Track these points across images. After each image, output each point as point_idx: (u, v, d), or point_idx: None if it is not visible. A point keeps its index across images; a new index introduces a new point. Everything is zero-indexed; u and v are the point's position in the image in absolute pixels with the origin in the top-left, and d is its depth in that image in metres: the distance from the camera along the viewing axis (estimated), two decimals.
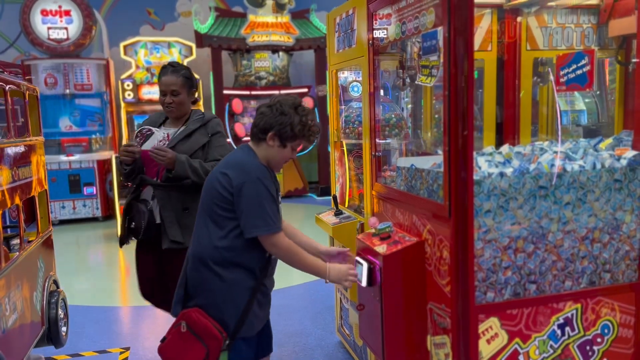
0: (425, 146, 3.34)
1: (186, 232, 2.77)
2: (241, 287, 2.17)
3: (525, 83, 2.93)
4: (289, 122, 2.16)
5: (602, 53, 3.04)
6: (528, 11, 2.78)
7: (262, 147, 2.22)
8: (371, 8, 2.65)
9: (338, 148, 3.57)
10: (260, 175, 2.14)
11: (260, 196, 2.11)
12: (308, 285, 4.99)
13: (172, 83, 2.87)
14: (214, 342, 2.11)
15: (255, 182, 2.12)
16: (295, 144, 2.23)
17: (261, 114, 2.21)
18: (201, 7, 9.63)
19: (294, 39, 9.32)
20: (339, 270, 2.27)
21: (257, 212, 2.11)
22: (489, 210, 1.97)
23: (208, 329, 2.12)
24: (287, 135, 2.18)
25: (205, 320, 2.13)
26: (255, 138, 2.24)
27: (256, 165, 2.18)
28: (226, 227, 2.14)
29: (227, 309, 2.15)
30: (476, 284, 1.99)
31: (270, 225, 2.12)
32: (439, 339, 2.15)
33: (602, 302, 2.11)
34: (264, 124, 2.19)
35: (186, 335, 2.14)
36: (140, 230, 2.83)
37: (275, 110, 2.18)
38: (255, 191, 2.11)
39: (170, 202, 2.84)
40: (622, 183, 2.08)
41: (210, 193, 2.18)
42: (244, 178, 2.11)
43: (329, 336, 3.84)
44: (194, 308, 2.18)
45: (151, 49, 7.95)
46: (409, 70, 3.18)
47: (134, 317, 4.49)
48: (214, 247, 2.15)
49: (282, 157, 2.24)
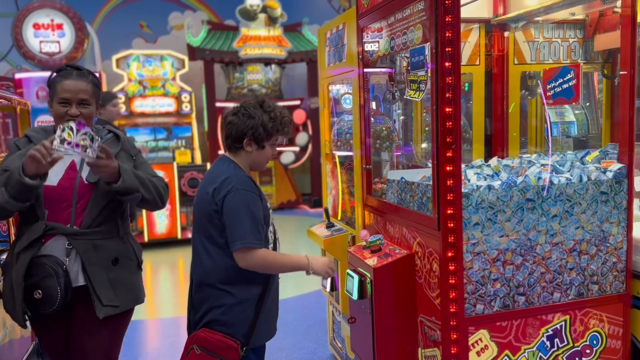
0: (416, 159, 3.37)
1: (119, 290, 2.17)
2: (250, 300, 2.15)
3: (513, 96, 2.97)
4: (260, 122, 2.12)
5: (590, 66, 3.09)
6: (515, 26, 2.83)
7: (241, 155, 2.19)
8: (361, 23, 2.68)
9: (330, 160, 3.59)
10: (243, 186, 2.09)
11: (239, 209, 2.06)
12: (300, 298, 4.98)
13: (80, 90, 2.10)
14: (232, 353, 2.10)
15: (237, 193, 2.07)
16: (272, 141, 2.19)
17: (230, 124, 2.17)
18: (194, 21, 9.68)
19: (286, 52, 9.37)
20: (322, 262, 2.21)
21: (236, 226, 2.05)
22: (478, 222, 1.99)
23: (222, 342, 2.10)
24: (261, 137, 2.14)
25: (217, 335, 2.11)
26: (232, 148, 2.20)
27: (238, 176, 2.13)
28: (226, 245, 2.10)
29: (236, 322, 2.14)
30: (465, 296, 2.00)
31: (245, 238, 2.04)
32: (430, 352, 2.16)
33: (590, 314, 2.12)
34: (236, 133, 2.15)
35: (202, 356, 2.10)
36: (55, 301, 2.05)
37: (242, 116, 2.14)
38: (235, 203, 2.06)
39: (97, 254, 2.14)
40: (608, 195, 2.11)
41: (203, 215, 2.14)
42: (225, 190, 2.08)
43: (321, 349, 3.83)
44: (200, 329, 2.15)
45: (144, 62, 7.97)
46: (399, 84, 3.22)
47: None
48: (220, 269, 2.12)
49: (264, 158, 2.21)
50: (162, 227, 7.29)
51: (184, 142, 7.99)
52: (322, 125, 3.63)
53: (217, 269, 2.12)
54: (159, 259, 6.89)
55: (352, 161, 3.06)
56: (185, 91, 8.01)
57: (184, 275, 6.42)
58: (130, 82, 7.91)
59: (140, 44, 9.83)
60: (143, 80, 7.90)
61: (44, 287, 2.06)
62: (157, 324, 4.70)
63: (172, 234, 7.32)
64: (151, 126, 7.94)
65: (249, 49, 9.13)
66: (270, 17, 9.35)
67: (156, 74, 7.94)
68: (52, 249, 2.10)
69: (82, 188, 2.11)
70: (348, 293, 2.45)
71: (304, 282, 5.28)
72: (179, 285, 6.04)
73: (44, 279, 2.06)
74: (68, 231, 2.10)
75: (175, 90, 7.96)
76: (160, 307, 5.24)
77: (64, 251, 2.10)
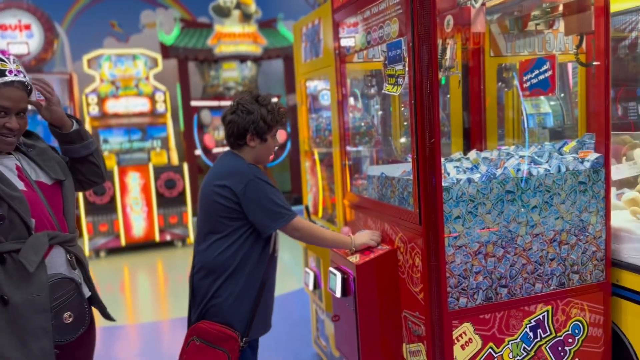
0: (396, 154, 3.36)
1: None
2: (250, 291, 2.21)
3: (490, 88, 2.97)
4: (259, 116, 2.21)
5: (565, 57, 3.11)
6: (490, 18, 2.83)
7: (245, 150, 2.27)
8: (336, 18, 2.66)
9: (309, 157, 3.56)
10: (257, 174, 2.19)
11: (265, 192, 2.16)
12: (283, 297, 4.95)
13: (21, 99, 1.83)
14: (232, 343, 2.16)
15: (255, 181, 2.16)
16: (273, 133, 2.29)
17: (230, 123, 2.24)
18: (166, 19, 9.53)
19: (262, 49, 9.29)
20: (363, 234, 2.36)
21: (270, 208, 2.16)
22: (459, 216, 1.98)
23: (221, 332, 2.15)
24: (263, 130, 2.23)
25: (216, 326, 2.17)
26: (235, 146, 2.28)
27: (248, 166, 2.22)
28: (233, 235, 2.18)
29: (236, 313, 2.20)
30: (448, 290, 1.99)
31: (286, 214, 2.19)
32: (414, 347, 2.15)
33: (571, 303, 2.14)
34: (237, 131, 2.23)
35: (202, 347, 2.15)
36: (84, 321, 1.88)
37: (242, 113, 2.22)
38: (259, 190, 2.16)
39: (85, 259, 2.02)
40: (587, 185, 2.13)
41: (212, 208, 2.20)
42: (244, 182, 2.16)
43: (306, 348, 3.81)
44: (200, 321, 2.20)
45: (116, 61, 7.80)
46: (377, 78, 3.20)
47: (104, 337, 4.38)
48: (222, 258, 2.18)
49: (268, 150, 2.31)
50: (140, 230, 7.17)
51: (160, 142, 7.86)
52: (301, 122, 3.59)
53: (220, 259, 2.19)
54: (136, 262, 6.77)
55: (332, 158, 3.04)
56: (160, 90, 7.88)
57: (164, 279, 6.33)
58: (103, 83, 7.75)
59: (112, 44, 9.63)
60: (115, 81, 7.74)
61: (73, 307, 1.83)
62: (137, 329, 4.62)
63: (149, 237, 7.21)
64: (125, 127, 7.79)
65: (224, 46, 9.03)
66: (244, 13, 9.26)
67: (129, 74, 7.79)
68: (54, 265, 1.84)
69: (48, 190, 1.93)
70: (331, 291, 2.43)
71: (286, 281, 5.26)
72: (158, 289, 5.96)
73: (71, 298, 1.83)
74: (66, 238, 1.89)
75: (149, 89, 7.83)
76: (140, 312, 5.16)
77: (66, 264, 1.88)
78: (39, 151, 1.98)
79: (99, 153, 2.12)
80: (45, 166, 1.95)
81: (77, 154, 2.03)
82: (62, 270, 1.86)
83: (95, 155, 2.07)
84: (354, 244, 2.32)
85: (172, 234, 7.35)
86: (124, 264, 6.70)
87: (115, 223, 7.07)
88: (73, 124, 2.01)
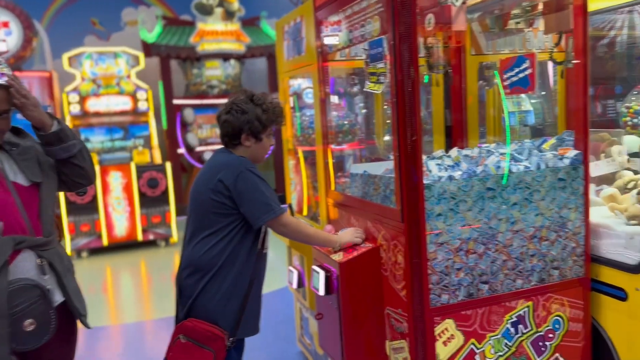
0: (379, 152, 3.37)
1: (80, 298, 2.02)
2: (239, 290, 2.20)
3: (471, 87, 2.99)
4: (254, 116, 2.20)
5: (545, 55, 3.14)
6: (471, 17, 2.85)
7: (240, 149, 2.26)
8: (318, 16, 2.65)
9: (293, 156, 3.56)
10: (248, 166, 2.18)
11: (256, 184, 2.15)
12: (267, 296, 4.93)
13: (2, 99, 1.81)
14: (219, 342, 2.13)
15: (246, 173, 2.15)
16: (268, 132, 2.28)
17: (225, 122, 2.24)
18: (148, 16, 9.44)
19: (245, 47, 9.25)
20: (347, 232, 2.38)
21: (260, 199, 2.15)
22: (440, 213, 1.99)
23: (208, 331, 2.13)
24: (258, 130, 2.22)
25: (203, 325, 2.15)
26: (230, 145, 2.27)
27: (240, 159, 2.20)
28: (222, 232, 2.17)
29: (224, 312, 2.18)
30: (430, 286, 2.01)
31: (276, 207, 2.17)
32: (397, 344, 2.16)
33: (552, 299, 2.17)
34: (232, 130, 2.23)
35: (188, 346, 2.13)
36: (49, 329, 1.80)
37: (236, 113, 2.21)
38: (250, 182, 2.15)
39: (62, 264, 1.94)
40: (566, 182, 2.15)
41: (204, 204, 2.19)
42: (235, 173, 2.15)
43: (290, 347, 3.80)
44: (187, 319, 2.18)
45: (97, 59, 7.70)
46: (360, 77, 3.21)
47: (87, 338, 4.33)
48: (210, 255, 2.17)
49: (263, 150, 2.31)
50: (122, 230, 7.10)
51: (142, 141, 7.78)
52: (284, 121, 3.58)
53: (207, 256, 2.17)
54: (119, 262, 6.71)
55: (316, 156, 3.04)
56: (142, 89, 7.79)
57: (147, 279, 6.28)
58: (84, 81, 7.65)
59: (93, 41, 9.52)
60: (97, 79, 7.65)
61: (36, 314, 1.76)
62: (121, 330, 4.58)
63: (132, 237, 7.14)
64: (107, 126, 7.70)
65: (207, 44, 8.97)
66: (227, 11, 9.21)
67: (110, 72, 7.70)
68: (22, 270, 1.78)
69: (24, 192, 1.88)
70: (314, 289, 2.43)
71: (271, 280, 5.24)
72: (141, 289, 5.91)
73: (34, 305, 1.76)
74: (37, 242, 1.83)
75: (130, 88, 7.74)
76: (123, 312, 5.11)
77: (36, 269, 1.82)
78: (21, 150, 1.92)
79: (84, 155, 2.02)
80: (24, 167, 1.90)
81: (57, 156, 1.97)
82: (30, 276, 1.80)
83: (78, 157, 1.99)
84: (340, 242, 2.33)
85: (155, 233, 7.29)
86: (107, 264, 6.63)
87: (97, 223, 6.98)
88: (54, 125, 1.92)
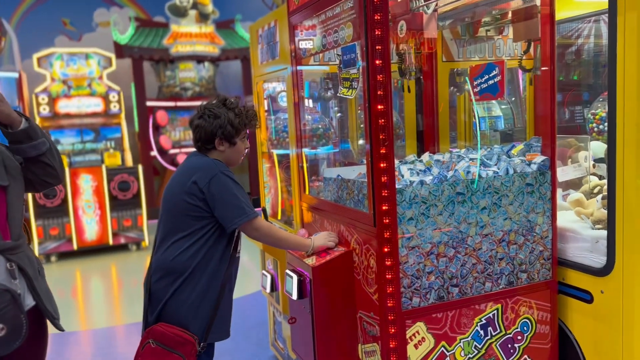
0: (352, 156, 3.39)
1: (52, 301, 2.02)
2: (210, 294, 2.18)
3: (443, 93, 3.04)
4: (226, 121, 2.20)
5: (514, 62, 3.21)
6: (443, 24, 2.90)
7: (214, 154, 2.26)
8: (292, 21, 2.66)
9: (268, 159, 3.55)
10: (222, 169, 2.17)
11: (229, 187, 2.15)
12: (240, 300, 4.91)
13: None
14: (189, 347, 2.11)
15: (219, 176, 2.14)
16: (242, 135, 2.28)
17: (197, 128, 2.23)
18: (120, 17, 9.32)
19: (219, 49, 9.21)
20: (320, 236, 2.38)
21: (234, 203, 2.14)
22: (412, 217, 2.02)
23: (178, 336, 2.11)
24: (231, 134, 2.22)
25: (173, 329, 2.12)
26: (204, 150, 2.27)
27: (214, 162, 2.20)
28: (195, 235, 2.16)
29: (195, 316, 2.16)
30: (402, 290, 2.03)
31: (249, 211, 2.17)
32: (369, 347, 2.17)
33: (520, 301, 2.21)
34: (205, 136, 2.22)
35: (157, 351, 2.10)
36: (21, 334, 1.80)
37: (208, 117, 2.20)
38: (223, 184, 2.14)
39: (32, 267, 1.94)
40: (534, 187, 2.20)
41: (177, 207, 2.17)
42: (209, 176, 2.14)
43: (263, 351, 3.79)
44: (157, 323, 2.16)
45: (68, 60, 7.57)
46: (334, 81, 3.22)
47: (56, 344, 4.24)
48: (182, 258, 2.15)
49: (237, 153, 2.31)
50: (92, 234, 6.98)
51: (114, 143, 7.67)
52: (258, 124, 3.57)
53: (179, 259, 2.15)
54: (89, 267, 6.59)
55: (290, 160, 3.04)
56: (113, 90, 7.69)
57: (118, 283, 6.18)
58: (54, 82, 7.51)
59: (64, 42, 9.35)
60: (67, 80, 7.51)
61: (7, 319, 1.75)
62: (90, 335, 4.49)
63: (103, 241, 7.03)
64: (77, 127, 7.57)
65: (180, 46, 8.91)
66: (201, 13, 9.15)
67: (81, 73, 7.57)
68: None
69: None
70: (287, 293, 2.43)
71: (244, 284, 5.22)
72: (112, 294, 5.81)
73: (4, 310, 1.75)
74: (6, 246, 1.83)
75: (102, 89, 7.63)
76: (93, 317, 5.02)
77: (5, 273, 1.81)
78: None
79: (54, 153, 1.99)
80: None
81: (26, 154, 1.94)
82: (0, 280, 1.79)
83: (48, 155, 1.96)
84: (313, 245, 2.33)
85: (126, 237, 7.19)
86: (76, 268, 6.50)
87: (67, 226, 6.85)
88: (22, 122, 1.89)
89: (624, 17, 1.83)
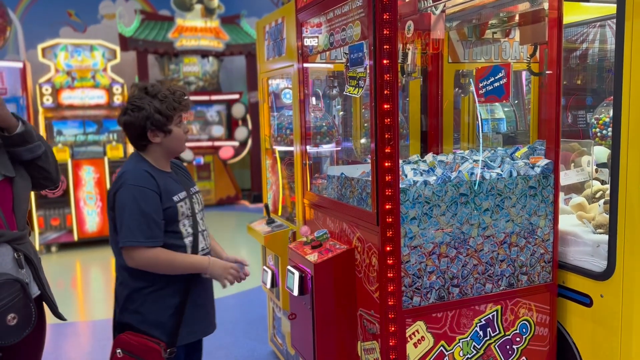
0: (356, 154, 3.40)
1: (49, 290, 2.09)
2: (171, 299, 2.11)
3: (447, 93, 3.05)
4: (153, 109, 2.02)
5: (520, 65, 3.22)
6: (449, 25, 2.90)
7: (152, 148, 2.11)
8: (300, 18, 2.67)
9: (270, 155, 3.57)
10: (133, 182, 2.00)
11: (126, 204, 1.99)
12: (240, 295, 4.93)
13: None
14: (155, 355, 2.05)
15: (128, 188, 2.00)
16: (175, 120, 2.09)
17: (125, 125, 2.08)
18: (126, 10, 9.33)
19: (224, 44, 9.21)
20: (222, 266, 2.17)
21: (125, 221, 1.99)
22: (415, 217, 2.03)
23: (143, 344, 2.05)
24: (161, 122, 2.04)
25: (138, 338, 2.07)
26: (140, 147, 2.12)
27: (131, 172, 2.04)
28: None
29: (158, 322, 2.10)
30: (403, 289, 2.04)
31: (133, 240, 1.97)
32: (369, 345, 2.19)
33: (520, 303, 2.22)
34: (135, 131, 2.06)
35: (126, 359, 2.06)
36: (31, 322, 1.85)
37: (133, 112, 2.03)
38: (126, 198, 1.99)
39: (37, 257, 2.01)
40: (536, 190, 2.21)
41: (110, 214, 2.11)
42: (117, 185, 2.03)
43: (262, 346, 3.81)
44: (124, 332, 2.11)
45: (72, 51, 7.58)
46: (339, 79, 3.23)
47: (55, 334, 4.26)
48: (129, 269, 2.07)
49: (177, 140, 2.12)
50: (93, 225, 7.00)
51: (116, 135, 7.68)
52: (262, 120, 3.59)
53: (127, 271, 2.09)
54: (90, 258, 6.61)
55: (292, 156, 3.05)
56: (117, 83, 7.69)
57: None
58: (58, 73, 7.51)
59: (69, 33, 9.36)
60: (71, 71, 7.52)
61: (18, 308, 1.79)
62: (89, 327, 4.51)
63: (103, 232, 7.04)
64: (80, 119, 7.58)
65: (185, 40, 8.91)
66: (206, 8, 9.16)
67: (86, 65, 7.58)
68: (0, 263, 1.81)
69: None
70: (289, 289, 2.45)
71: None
72: (111, 285, 5.82)
73: (16, 299, 1.79)
74: (14, 236, 1.85)
75: (106, 81, 7.64)
76: (92, 308, 5.04)
77: (13, 262, 1.85)
78: None
79: (49, 156, 2.01)
80: None
81: (22, 157, 1.96)
82: (8, 270, 1.83)
83: (42, 159, 1.99)
84: (210, 270, 2.14)
85: None
86: (76, 259, 6.52)
87: (68, 217, 6.87)
88: (19, 126, 1.91)
89: (631, 23, 1.83)
